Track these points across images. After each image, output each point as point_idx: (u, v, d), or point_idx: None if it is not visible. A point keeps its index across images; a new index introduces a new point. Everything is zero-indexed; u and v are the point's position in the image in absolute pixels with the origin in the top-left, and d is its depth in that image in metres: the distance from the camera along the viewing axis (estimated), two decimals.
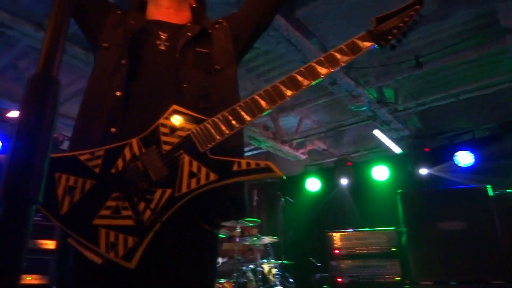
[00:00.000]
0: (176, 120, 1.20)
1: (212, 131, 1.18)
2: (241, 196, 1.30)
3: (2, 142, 5.50)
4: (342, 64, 1.28)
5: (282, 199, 5.89)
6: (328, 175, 7.52)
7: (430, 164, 6.51)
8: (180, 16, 1.57)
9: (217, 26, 1.56)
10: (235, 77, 1.50)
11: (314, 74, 1.26)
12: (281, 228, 6.80)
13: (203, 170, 1.15)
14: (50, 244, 4.82)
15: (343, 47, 1.30)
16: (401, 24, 1.32)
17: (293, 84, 1.24)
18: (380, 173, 6.92)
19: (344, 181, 7.19)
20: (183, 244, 1.23)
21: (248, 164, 1.14)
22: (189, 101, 1.29)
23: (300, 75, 1.25)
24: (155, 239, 1.13)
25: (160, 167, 1.16)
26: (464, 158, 6.22)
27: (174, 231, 1.20)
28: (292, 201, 6.09)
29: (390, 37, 1.31)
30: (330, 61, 1.28)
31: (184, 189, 1.14)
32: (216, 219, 1.32)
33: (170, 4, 1.55)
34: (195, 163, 1.16)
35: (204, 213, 1.25)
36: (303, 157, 6.95)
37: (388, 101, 5.61)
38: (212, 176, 1.14)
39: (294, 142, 6.68)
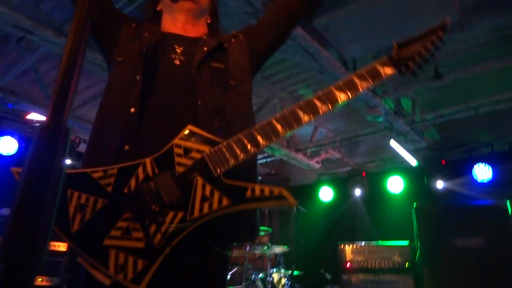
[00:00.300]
0: (191, 141, 1.18)
1: (227, 155, 1.15)
2: (253, 219, 1.27)
3: (19, 143, 5.60)
4: (361, 90, 1.24)
5: (295, 208, 5.83)
6: (342, 185, 7.43)
7: (446, 177, 6.36)
8: (196, 30, 1.55)
9: (233, 40, 1.53)
10: (250, 94, 1.48)
11: (332, 100, 1.23)
12: (292, 237, 6.74)
13: (216, 194, 1.12)
14: (61, 246, 4.87)
15: (364, 72, 1.27)
16: (423, 51, 1.28)
17: (311, 109, 1.21)
18: (395, 185, 6.80)
19: (357, 192, 7.09)
20: (193, 268, 1.20)
21: (262, 190, 1.11)
22: (204, 119, 1.27)
23: (318, 100, 1.22)
24: (165, 263, 1.11)
25: (172, 189, 1.14)
26: (482, 173, 6.07)
27: (185, 254, 1.17)
28: (305, 210, 6.03)
29: (411, 64, 1.27)
30: (349, 87, 1.24)
31: (196, 213, 1.11)
32: (227, 242, 1.29)
33: (187, 19, 1.53)
34: (208, 187, 1.13)
35: (216, 236, 1.22)
36: (317, 166, 6.88)
37: (406, 112, 5.52)
38: (225, 201, 1.11)
39: (308, 150, 6.61)
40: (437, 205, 5.31)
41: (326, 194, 7.55)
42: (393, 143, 5.99)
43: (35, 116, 5.52)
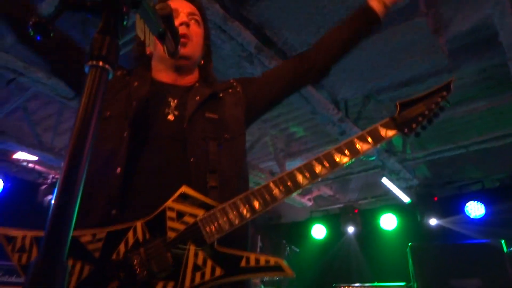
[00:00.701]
0: (185, 204, 1.12)
1: (221, 220, 1.10)
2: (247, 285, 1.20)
3: (5, 183, 5.45)
4: (362, 154, 1.21)
5: (288, 248, 5.70)
6: (334, 222, 7.34)
7: (439, 214, 6.33)
8: (188, 78, 1.48)
9: (230, 90, 1.48)
10: (244, 147, 1.43)
11: (332, 163, 1.19)
12: (285, 278, 6.54)
13: (209, 263, 1.06)
14: None
15: (365, 134, 1.24)
16: (426, 112, 1.27)
17: (310, 172, 1.18)
18: (388, 222, 6.74)
19: (350, 229, 7.00)
20: None
21: (257, 261, 1.05)
22: (196, 177, 1.20)
23: (318, 163, 1.19)
24: None
25: (163, 257, 1.08)
26: (475, 209, 6.05)
27: None
28: (297, 250, 5.90)
29: (414, 125, 1.25)
30: (350, 149, 1.21)
31: (187, 284, 1.05)
32: None
33: (180, 72, 1.46)
34: (201, 255, 1.07)
35: None
36: (309, 203, 6.81)
37: (397, 150, 5.54)
38: (218, 271, 1.05)
39: None
40: (432, 244, 5.23)
41: (318, 231, 7.44)
42: (385, 181, 5.97)
43: (22, 155, 5.42)
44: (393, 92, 4.85)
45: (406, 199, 6.20)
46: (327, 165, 1.18)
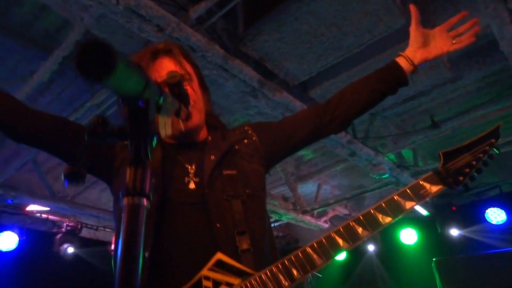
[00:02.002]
0: (221, 272, 1.08)
1: None
2: None
3: (20, 237, 5.43)
4: (407, 211, 1.15)
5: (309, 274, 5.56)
6: None
7: (459, 223, 6.19)
8: (199, 133, 1.41)
9: (246, 141, 1.42)
10: (265, 199, 1.39)
11: (374, 225, 1.14)
12: None
13: None
14: None
15: (408, 191, 1.18)
16: (474, 162, 1.19)
17: (351, 235, 1.13)
18: (408, 236, 6.60)
19: (371, 247, 6.85)
20: None
21: None
22: (226, 243, 1.16)
23: (358, 225, 1.14)
24: None
25: None
26: (496, 216, 5.92)
27: None
28: (320, 276, 5.76)
29: (462, 178, 1.18)
30: (393, 209, 1.16)
31: None
32: None
33: (189, 132, 1.37)
34: None
35: None
36: (326, 225, 6.70)
37: (408, 164, 5.48)
38: None
39: (315, 211, 6.48)
40: (458, 258, 5.09)
41: None
42: None
43: (35, 207, 5.42)
44: (399, 107, 4.83)
45: (424, 212, 6.09)
46: (369, 227, 1.14)
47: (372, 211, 1.15)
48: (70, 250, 5.81)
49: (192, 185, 1.28)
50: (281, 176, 6.20)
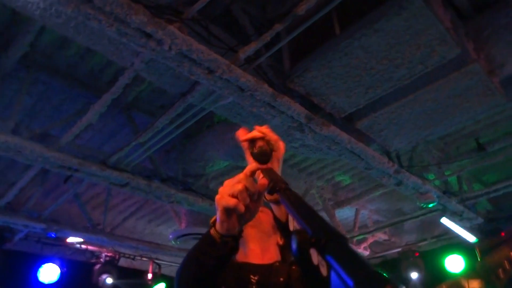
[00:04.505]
0: None
1: None
2: None
3: (60, 268, 5.47)
4: None
5: None
6: (394, 268, 6.90)
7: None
8: (268, 255, 1.47)
9: None
10: None
11: None
12: None
13: None
14: None
15: None
16: None
17: None
18: (455, 263, 6.26)
19: (414, 275, 6.54)
20: None
21: None
22: None
23: None
24: None
25: None
26: None
27: None
28: None
29: (502, 274, 1.06)
30: None
31: None
32: None
33: (256, 245, 1.48)
34: None
35: None
36: (366, 253, 6.48)
37: (453, 190, 5.24)
38: None
39: (355, 239, 6.27)
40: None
41: None
42: (445, 221, 5.61)
43: (75, 239, 5.46)
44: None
45: (471, 238, 5.78)
46: None
47: None
48: (109, 280, 5.81)
49: None
50: (318, 202, 6.06)
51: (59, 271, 5.39)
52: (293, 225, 1.10)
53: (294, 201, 0.80)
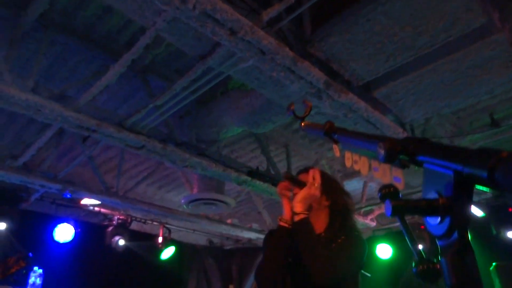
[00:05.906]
0: None
1: None
2: None
3: (75, 229, 5.63)
4: None
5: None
6: (400, 239, 7.01)
7: None
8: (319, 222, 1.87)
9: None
10: None
11: None
12: None
13: None
14: None
15: None
16: None
17: None
18: None
19: (420, 247, 6.63)
20: None
21: None
22: None
23: None
24: None
25: None
26: None
27: None
28: (369, 275, 5.64)
29: None
30: None
31: None
32: None
33: None
34: None
35: None
36: (373, 224, 6.57)
37: None
38: None
39: (362, 210, 6.35)
40: None
41: (384, 251, 7.14)
42: None
43: (88, 201, 5.58)
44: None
45: (479, 213, 5.84)
46: None
47: None
48: (121, 242, 5.98)
49: None
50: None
51: (74, 231, 5.54)
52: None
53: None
